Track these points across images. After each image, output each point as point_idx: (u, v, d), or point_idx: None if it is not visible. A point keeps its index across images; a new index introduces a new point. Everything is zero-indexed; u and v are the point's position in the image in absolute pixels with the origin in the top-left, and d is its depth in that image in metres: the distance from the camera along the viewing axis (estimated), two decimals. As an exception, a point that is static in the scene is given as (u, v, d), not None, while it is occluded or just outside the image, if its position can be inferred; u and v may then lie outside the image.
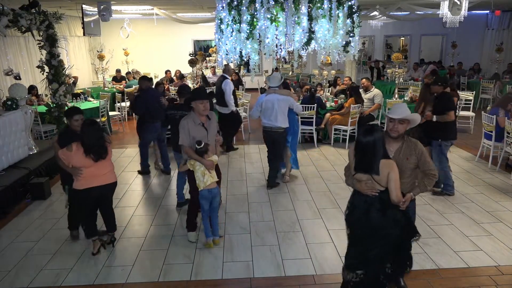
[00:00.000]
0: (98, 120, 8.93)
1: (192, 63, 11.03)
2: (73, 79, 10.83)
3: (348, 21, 4.23)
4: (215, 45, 9.90)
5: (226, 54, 4.33)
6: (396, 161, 3.17)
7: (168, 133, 6.82)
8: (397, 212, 3.15)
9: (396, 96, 9.47)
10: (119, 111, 10.67)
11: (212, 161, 4.26)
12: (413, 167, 3.35)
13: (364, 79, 8.82)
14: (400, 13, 12.73)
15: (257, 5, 3.91)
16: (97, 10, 9.67)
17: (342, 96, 9.20)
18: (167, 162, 6.84)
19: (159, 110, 6.37)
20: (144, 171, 6.85)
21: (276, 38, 4.00)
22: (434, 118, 5.45)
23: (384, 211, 3.11)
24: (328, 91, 10.09)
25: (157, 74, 14.02)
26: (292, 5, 3.94)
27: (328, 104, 8.83)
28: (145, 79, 6.79)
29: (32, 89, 9.01)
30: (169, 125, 5.95)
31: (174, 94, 10.25)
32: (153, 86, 9.11)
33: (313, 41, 4.09)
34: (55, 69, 6.79)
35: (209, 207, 4.38)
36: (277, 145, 6.03)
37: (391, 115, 3.31)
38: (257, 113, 6.00)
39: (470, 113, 9.43)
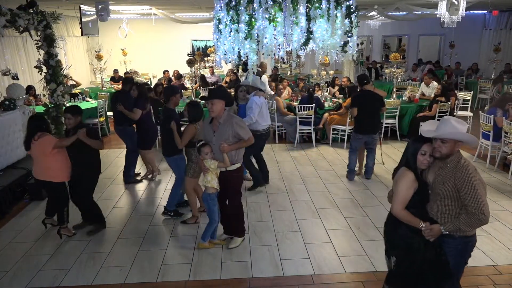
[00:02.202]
0: (96, 120, 8.95)
1: (190, 63, 11.02)
2: (75, 82, 10.77)
3: (346, 21, 4.24)
4: (213, 45, 9.91)
5: (225, 54, 4.33)
6: (434, 183, 2.80)
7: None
8: (414, 236, 2.78)
9: (394, 96, 9.49)
10: (117, 111, 10.63)
11: (204, 163, 4.10)
12: (450, 195, 2.71)
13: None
14: (398, 13, 12.75)
15: (255, 5, 3.91)
16: (95, 10, 9.65)
17: (341, 96, 9.20)
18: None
19: (118, 115, 6.18)
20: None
21: (274, 38, 4.01)
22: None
23: (395, 225, 2.86)
24: (326, 91, 10.10)
25: (155, 74, 14.00)
26: (290, 5, 3.94)
27: (326, 104, 8.84)
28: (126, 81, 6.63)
29: (30, 89, 8.99)
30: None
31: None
32: (152, 87, 9.11)
33: (311, 41, 4.09)
34: (53, 69, 6.76)
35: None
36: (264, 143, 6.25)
37: (423, 131, 2.83)
38: (254, 117, 5.74)
39: (468, 113, 9.45)
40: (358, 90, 6.51)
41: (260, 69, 9.27)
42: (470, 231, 2.73)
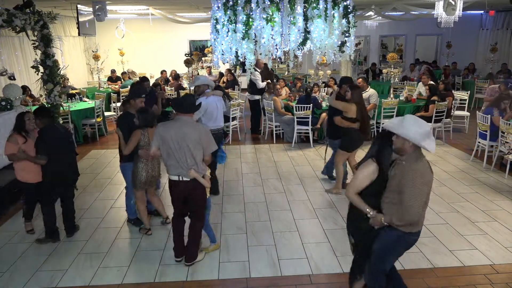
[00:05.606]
0: (94, 120, 8.94)
1: (187, 63, 11.02)
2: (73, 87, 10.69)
3: (344, 21, 4.25)
4: (210, 45, 9.91)
5: (222, 54, 4.33)
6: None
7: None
8: (362, 220, 3.05)
9: (392, 95, 9.50)
10: (114, 112, 10.64)
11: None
12: (394, 189, 2.88)
13: (360, 79, 8.84)
14: (395, 13, 12.78)
15: (252, 5, 3.92)
16: (92, 10, 9.62)
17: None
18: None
19: None
20: None
21: (271, 38, 4.01)
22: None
23: (351, 208, 3.20)
24: (324, 91, 10.11)
25: (152, 74, 13.98)
26: (288, 5, 3.95)
27: (324, 104, 8.84)
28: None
29: (24, 90, 8.93)
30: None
31: (170, 94, 10.25)
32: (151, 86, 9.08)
33: (308, 41, 4.10)
34: (50, 69, 6.74)
35: None
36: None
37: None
38: (197, 117, 5.31)
39: (465, 113, 9.48)
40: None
41: (256, 67, 9.30)
42: (402, 226, 2.88)
